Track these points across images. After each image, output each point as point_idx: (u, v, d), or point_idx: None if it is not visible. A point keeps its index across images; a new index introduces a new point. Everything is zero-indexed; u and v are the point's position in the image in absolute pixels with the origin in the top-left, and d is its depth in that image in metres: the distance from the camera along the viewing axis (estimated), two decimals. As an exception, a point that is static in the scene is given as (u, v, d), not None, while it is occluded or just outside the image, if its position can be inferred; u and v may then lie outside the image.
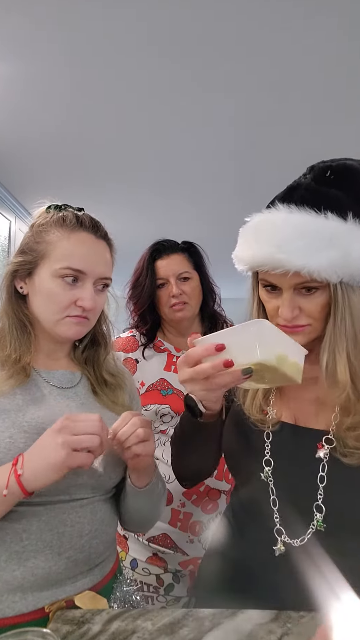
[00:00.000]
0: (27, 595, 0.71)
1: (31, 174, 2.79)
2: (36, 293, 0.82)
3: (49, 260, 0.80)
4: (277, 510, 0.74)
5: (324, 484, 0.70)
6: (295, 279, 0.70)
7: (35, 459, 0.67)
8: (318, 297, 0.71)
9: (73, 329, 0.82)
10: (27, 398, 0.78)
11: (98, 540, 0.80)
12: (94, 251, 0.83)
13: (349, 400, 0.70)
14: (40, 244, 0.81)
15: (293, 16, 1.55)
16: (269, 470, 0.75)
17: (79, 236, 0.82)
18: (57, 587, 0.74)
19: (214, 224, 3.79)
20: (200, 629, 0.62)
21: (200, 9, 1.51)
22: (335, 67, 1.83)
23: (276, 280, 0.73)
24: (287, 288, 0.72)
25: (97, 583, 0.80)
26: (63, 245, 0.80)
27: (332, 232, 0.69)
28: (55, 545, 0.74)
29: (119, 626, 0.63)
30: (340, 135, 2.35)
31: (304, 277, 0.69)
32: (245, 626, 0.62)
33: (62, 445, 0.65)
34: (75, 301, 0.80)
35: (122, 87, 1.96)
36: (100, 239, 0.85)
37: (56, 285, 0.79)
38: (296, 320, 0.72)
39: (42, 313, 0.82)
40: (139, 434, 0.76)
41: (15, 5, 1.48)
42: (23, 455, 0.68)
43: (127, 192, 3.18)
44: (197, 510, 1.28)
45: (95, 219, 0.87)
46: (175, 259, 1.36)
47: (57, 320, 0.81)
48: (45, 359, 0.86)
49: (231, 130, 2.35)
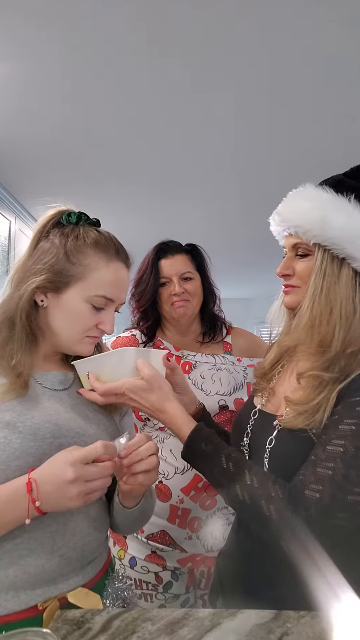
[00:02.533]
0: (19, 593, 0.72)
1: (31, 174, 2.79)
2: (60, 310, 0.83)
3: (83, 283, 0.82)
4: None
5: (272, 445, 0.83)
6: (291, 240, 0.86)
7: (52, 500, 0.68)
8: (307, 262, 0.84)
9: (88, 347, 0.86)
10: (21, 399, 0.78)
11: (91, 538, 0.81)
12: (124, 281, 0.87)
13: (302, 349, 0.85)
14: (76, 266, 0.82)
15: (293, 15, 1.55)
16: (247, 442, 0.90)
17: (115, 266, 0.85)
18: (50, 585, 0.74)
19: (214, 224, 3.79)
20: (200, 628, 0.62)
21: (200, 9, 1.51)
22: (336, 66, 1.83)
23: (284, 242, 0.90)
24: (289, 249, 0.87)
25: (90, 580, 0.80)
26: (101, 273, 0.83)
27: (322, 200, 0.83)
28: (48, 544, 0.74)
29: (119, 626, 0.64)
30: (341, 136, 2.35)
31: (296, 238, 0.84)
32: (245, 626, 0.62)
33: (78, 496, 0.67)
34: (97, 324, 0.84)
35: (122, 87, 1.96)
36: (127, 268, 0.89)
37: (86, 309, 0.82)
38: (288, 280, 0.88)
39: (62, 329, 0.84)
40: (151, 462, 0.77)
41: (15, 5, 1.48)
42: (37, 482, 0.68)
43: (128, 192, 3.17)
44: (195, 507, 1.29)
45: (123, 246, 0.90)
46: (178, 259, 1.39)
47: (77, 339, 0.84)
48: (40, 362, 0.87)
49: (232, 130, 2.35)
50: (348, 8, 1.52)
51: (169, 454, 1.30)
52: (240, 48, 1.72)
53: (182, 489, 1.28)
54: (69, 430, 0.79)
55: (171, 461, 1.30)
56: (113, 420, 0.91)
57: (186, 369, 1.37)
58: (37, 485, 0.67)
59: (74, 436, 0.79)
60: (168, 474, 1.29)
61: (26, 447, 0.73)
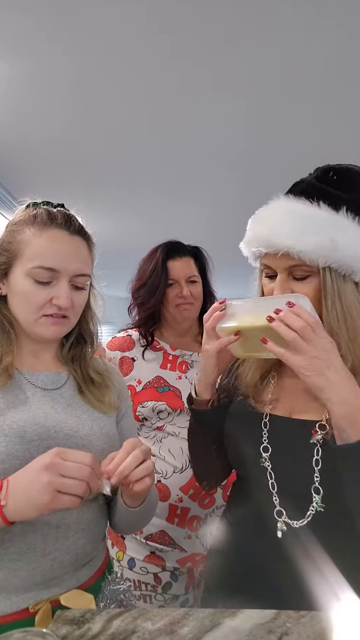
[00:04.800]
0: (10, 596, 0.71)
1: (31, 175, 2.79)
2: (13, 293, 0.80)
3: (21, 259, 0.78)
4: (276, 493, 0.78)
5: (319, 467, 0.74)
6: (286, 261, 0.77)
7: (19, 493, 0.64)
8: (309, 283, 0.77)
9: (50, 329, 0.80)
10: (8, 401, 0.76)
11: (85, 541, 0.79)
12: (67, 248, 0.80)
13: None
14: (12, 244, 0.79)
15: (297, 16, 1.55)
16: (267, 456, 0.79)
17: (50, 233, 0.79)
18: (42, 588, 0.73)
19: (215, 225, 3.79)
20: (200, 628, 0.62)
21: (203, 9, 1.51)
22: (337, 67, 1.83)
23: (272, 262, 0.80)
24: (281, 270, 0.79)
25: (85, 582, 0.79)
26: (35, 243, 0.78)
27: (322, 220, 0.76)
28: (39, 547, 0.73)
29: (119, 626, 0.63)
30: (342, 136, 2.35)
31: (294, 260, 0.76)
32: (245, 626, 0.62)
33: (48, 487, 0.62)
34: (50, 300, 0.78)
35: (123, 87, 1.96)
36: (74, 235, 0.81)
37: (30, 285, 0.77)
38: None
39: (19, 314, 0.80)
40: (140, 471, 0.71)
41: (15, 4, 1.48)
42: (8, 482, 0.65)
43: (128, 193, 3.17)
44: (194, 505, 1.29)
45: (69, 213, 0.84)
46: (186, 262, 1.40)
47: (33, 320, 0.79)
48: (30, 360, 0.85)
49: (232, 131, 2.35)
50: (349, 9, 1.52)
51: (167, 453, 1.30)
52: (241, 48, 1.72)
53: (181, 488, 1.28)
54: (58, 432, 0.77)
55: (169, 460, 1.30)
56: (111, 420, 0.88)
57: (183, 369, 1.38)
58: (8, 484, 0.65)
59: (63, 438, 0.77)
60: (166, 473, 1.29)
61: (12, 450, 0.71)
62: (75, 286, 0.81)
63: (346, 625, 0.61)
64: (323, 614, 0.64)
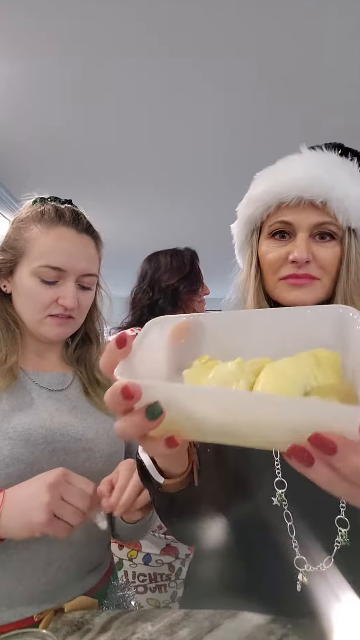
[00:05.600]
0: (14, 604, 0.70)
1: (31, 174, 2.79)
2: (18, 292, 0.78)
3: (27, 258, 0.75)
4: (295, 538, 0.64)
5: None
6: (314, 216, 0.65)
7: (15, 509, 0.62)
8: (333, 247, 0.66)
9: (55, 329, 0.77)
10: (13, 403, 0.74)
11: (90, 548, 0.77)
12: (74, 247, 0.77)
13: None
14: (19, 241, 0.77)
15: (292, 14, 1.55)
16: (282, 493, 0.65)
17: (58, 231, 0.76)
18: (46, 595, 0.72)
19: (214, 225, 3.79)
20: (200, 629, 0.62)
21: (201, 9, 1.51)
22: (335, 66, 1.82)
23: (294, 217, 0.66)
24: (305, 228, 0.66)
25: (91, 589, 0.77)
26: (41, 242, 0.75)
27: (354, 172, 0.66)
28: (44, 555, 0.71)
29: (119, 627, 0.63)
30: (342, 136, 2.35)
31: (323, 216, 0.64)
32: (245, 627, 0.62)
33: (47, 507, 0.60)
34: (56, 300, 0.76)
35: (122, 87, 1.96)
36: (82, 233, 0.79)
37: (35, 284, 0.75)
38: (307, 268, 0.65)
39: (24, 313, 0.78)
40: (141, 500, 0.68)
41: (15, 4, 1.48)
42: (4, 494, 0.64)
43: (128, 193, 3.17)
44: None
45: (78, 211, 0.81)
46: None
47: (38, 320, 0.77)
48: (35, 360, 0.82)
49: (231, 132, 2.35)
50: (348, 8, 1.52)
51: None
52: (242, 49, 1.71)
53: None
54: (64, 435, 0.75)
55: None
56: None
57: None
58: (4, 496, 0.63)
59: (68, 441, 0.75)
60: None
61: (16, 453, 0.69)
62: (81, 286, 0.79)
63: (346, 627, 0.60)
64: (323, 616, 0.63)
